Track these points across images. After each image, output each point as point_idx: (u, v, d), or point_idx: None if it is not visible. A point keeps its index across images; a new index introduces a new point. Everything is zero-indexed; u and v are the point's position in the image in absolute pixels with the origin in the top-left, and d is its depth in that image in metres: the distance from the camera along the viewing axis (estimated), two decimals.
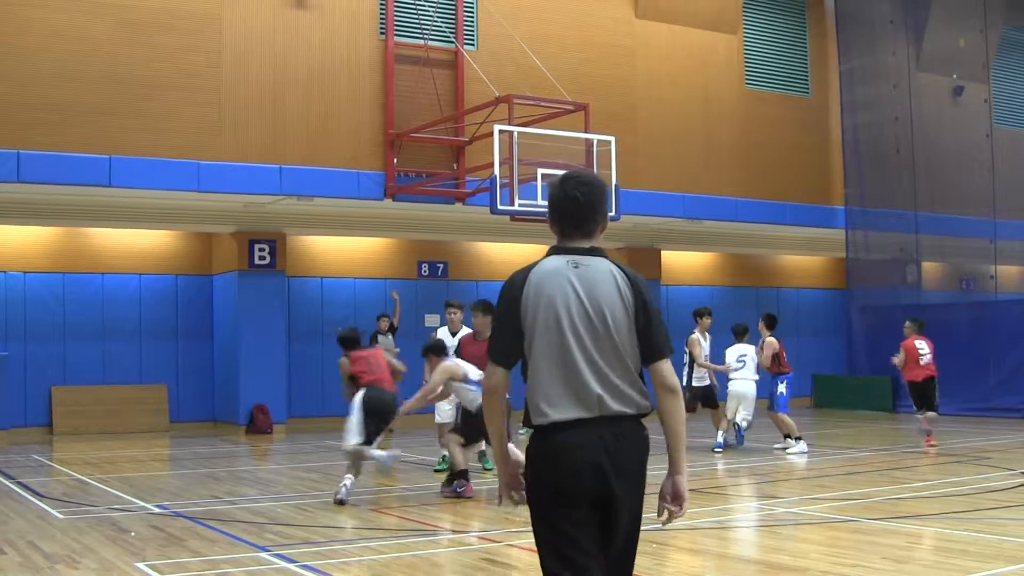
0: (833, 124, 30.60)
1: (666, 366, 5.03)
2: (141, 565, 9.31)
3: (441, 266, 27.70)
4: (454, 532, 10.94)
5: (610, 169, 20.47)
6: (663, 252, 29.59)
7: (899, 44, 30.04)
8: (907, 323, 20.33)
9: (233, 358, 24.40)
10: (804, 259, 33.35)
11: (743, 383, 19.30)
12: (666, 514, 5.09)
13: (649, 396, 4.98)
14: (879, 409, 27.54)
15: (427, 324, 26.86)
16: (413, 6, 23.95)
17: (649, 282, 23.43)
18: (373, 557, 9.77)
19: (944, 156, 29.82)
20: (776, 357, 19.18)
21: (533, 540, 5.04)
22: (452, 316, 17.07)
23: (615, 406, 4.90)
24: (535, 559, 9.52)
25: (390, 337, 24.73)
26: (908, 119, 29.57)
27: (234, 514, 12.29)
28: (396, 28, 23.75)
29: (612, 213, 20.84)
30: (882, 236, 30.20)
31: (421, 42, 23.89)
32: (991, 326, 24.72)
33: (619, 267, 5.09)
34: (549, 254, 5.14)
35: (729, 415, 19.48)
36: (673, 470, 5.07)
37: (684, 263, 31.05)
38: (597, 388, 4.89)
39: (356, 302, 26.43)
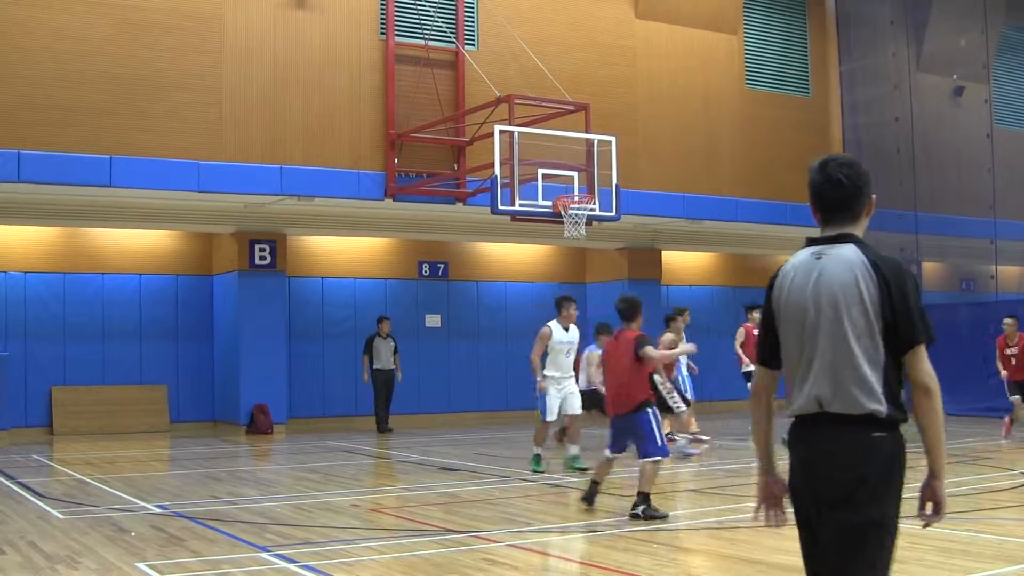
0: (833, 124, 30.58)
1: (916, 357, 4.65)
2: (141, 565, 9.30)
3: (441, 266, 27.70)
4: (455, 532, 10.93)
5: (611, 169, 20.45)
6: (663, 252, 29.56)
7: (899, 44, 29.99)
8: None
9: (233, 358, 24.39)
10: None
11: None
12: (924, 519, 4.92)
13: (886, 399, 4.62)
14: None
15: (427, 324, 26.90)
16: (413, 6, 23.95)
17: (649, 283, 23.38)
18: (373, 557, 9.76)
19: (944, 156, 29.78)
20: None
21: (534, 541, 4.96)
22: (572, 311, 16.10)
23: (837, 407, 4.63)
24: (535, 559, 9.57)
25: (391, 341, 24.77)
26: (908, 119, 29.52)
27: (234, 514, 12.28)
28: (396, 28, 23.75)
29: (613, 213, 20.85)
30: (882, 236, 30.09)
31: (422, 42, 23.89)
32: (992, 326, 24.65)
33: (868, 254, 4.78)
34: (805, 245, 4.94)
35: None
36: (928, 473, 4.84)
37: (685, 263, 31.05)
38: (821, 387, 4.65)
39: (356, 302, 26.44)
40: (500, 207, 19.80)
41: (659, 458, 11.81)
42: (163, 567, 9.25)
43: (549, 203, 19.98)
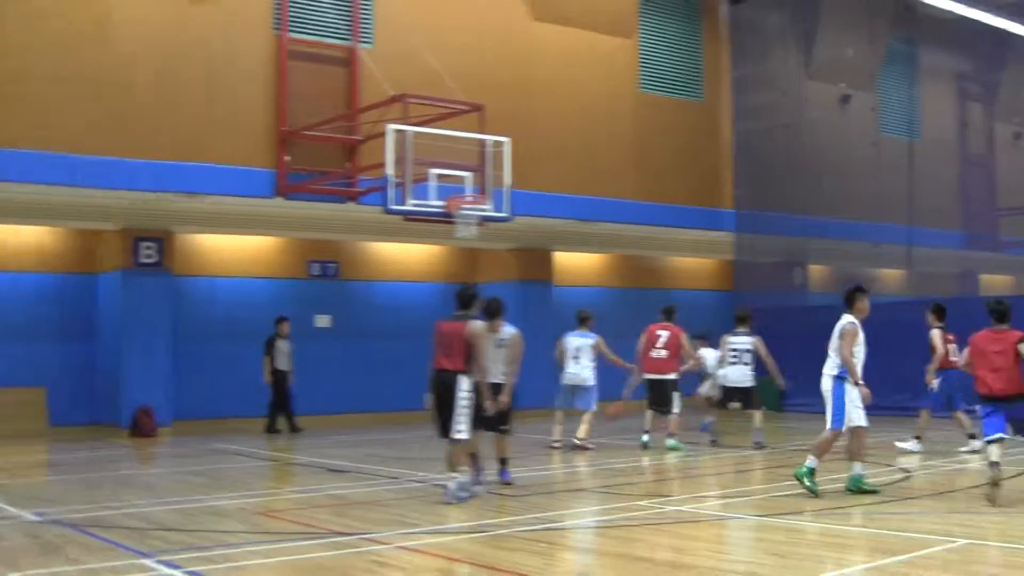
0: (725, 129, 30.88)
1: None
2: (14, 575, 8.98)
3: (332, 266, 27.50)
4: (344, 535, 10.76)
5: (503, 170, 20.48)
6: (555, 253, 29.65)
7: (790, 52, 30.50)
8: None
9: (117, 359, 23.95)
10: (694, 261, 33.69)
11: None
12: None
13: None
14: (767, 408, 27.63)
15: (318, 324, 26.63)
16: (309, 2, 23.70)
17: (540, 283, 23.53)
18: (260, 561, 9.59)
19: (831, 162, 30.32)
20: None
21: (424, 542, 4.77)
22: (864, 303, 14.35)
23: None
24: (424, 561, 9.47)
25: (289, 342, 24.63)
26: (797, 125, 30.00)
27: (117, 520, 11.99)
28: (291, 24, 23.45)
29: (505, 213, 20.86)
30: (770, 239, 30.57)
31: (316, 39, 23.64)
32: (874, 328, 24.95)
33: None
34: None
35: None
36: None
37: (576, 264, 31.13)
38: None
39: (246, 302, 26.11)
40: (392, 207, 19.75)
41: None
42: None
43: (442, 203, 19.96)
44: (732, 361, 19.61)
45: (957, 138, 31.12)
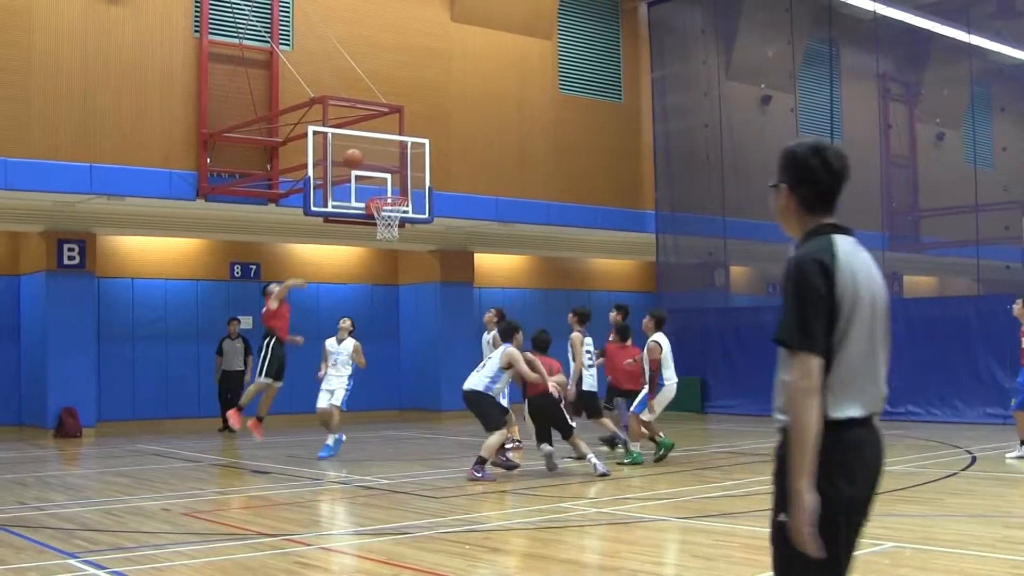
0: (645, 130, 31.16)
1: None
2: None
3: (254, 267, 27.50)
4: (267, 536, 10.91)
5: (423, 172, 20.62)
6: (476, 254, 29.80)
7: (709, 53, 30.72)
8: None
9: (40, 360, 23.87)
10: (615, 262, 33.90)
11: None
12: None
13: None
14: (689, 410, 27.99)
15: (240, 326, 26.64)
16: (228, 5, 23.74)
17: (461, 285, 23.54)
18: (184, 562, 9.69)
19: (752, 163, 30.55)
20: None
21: (346, 543, 4.97)
22: None
23: (883, 403, 4.49)
24: (347, 562, 9.63)
25: (239, 342, 24.79)
26: (718, 126, 30.25)
27: (42, 520, 12.07)
28: (211, 26, 23.49)
29: (425, 215, 21.04)
30: (691, 240, 30.83)
31: (236, 41, 23.69)
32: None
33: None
34: (826, 232, 4.55)
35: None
36: None
37: (497, 266, 31.29)
38: (883, 383, 4.45)
39: (168, 303, 26.10)
40: (313, 208, 19.82)
41: None
42: None
43: (362, 205, 20.07)
44: (589, 364, 18.47)
45: (878, 139, 31.41)
